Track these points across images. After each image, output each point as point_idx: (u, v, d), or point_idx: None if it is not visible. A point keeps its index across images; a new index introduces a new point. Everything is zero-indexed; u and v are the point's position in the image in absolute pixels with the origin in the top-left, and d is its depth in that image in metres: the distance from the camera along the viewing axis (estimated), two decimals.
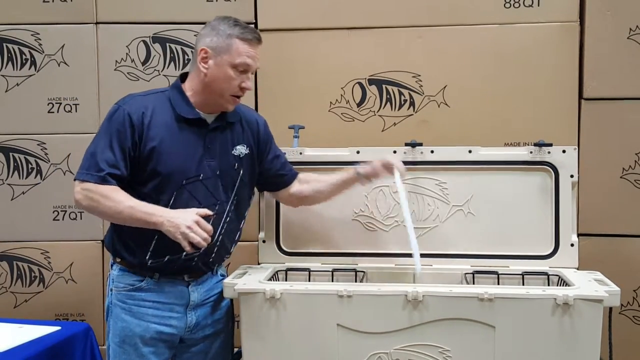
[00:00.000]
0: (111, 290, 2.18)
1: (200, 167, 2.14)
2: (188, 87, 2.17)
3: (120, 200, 2.02)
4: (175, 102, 2.14)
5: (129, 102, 2.11)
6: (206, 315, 2.24)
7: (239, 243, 2.35)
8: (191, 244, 1.96)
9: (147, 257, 2.12)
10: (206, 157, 2.15)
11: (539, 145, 2.41)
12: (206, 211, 2.04)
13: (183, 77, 2.22)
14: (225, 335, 2.31)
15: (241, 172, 2.23)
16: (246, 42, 2.11)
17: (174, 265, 2.13)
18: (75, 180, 2.09)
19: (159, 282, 2.15)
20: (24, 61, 2.94)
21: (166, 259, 2.11)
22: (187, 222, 1.96)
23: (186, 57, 2.89)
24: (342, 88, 2.84)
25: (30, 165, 2.96)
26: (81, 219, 2.95)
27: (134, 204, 2.02)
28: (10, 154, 2.96)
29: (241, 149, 2.23)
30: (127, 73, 2.92)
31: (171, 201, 2.09)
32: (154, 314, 2.15)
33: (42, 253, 2.97)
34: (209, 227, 2.01)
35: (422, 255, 2.46)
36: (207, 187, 2.14)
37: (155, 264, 2.12)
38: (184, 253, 2.04)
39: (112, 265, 2.22)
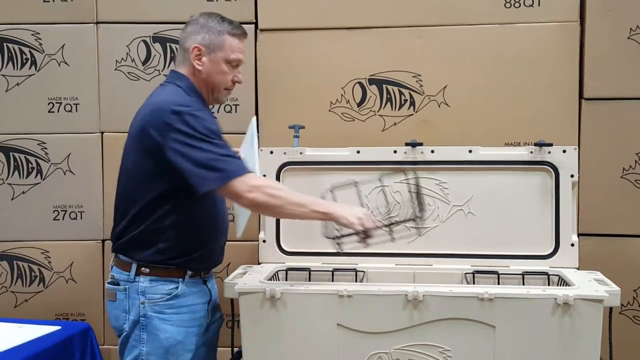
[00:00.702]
0: (142, 303, 2.12)
1: None
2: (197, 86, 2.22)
3: (292, 193, 2.10)
4: (204, 106, 2.21)
5: (199, 108, 2.12)
6: (213, 307, 2.29)
7: (239, 243, 2.35)
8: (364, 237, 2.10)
9: (188, 253, 2.14)
10: None
11: (539, 145, 2.41)
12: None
13: (175, 75, 2.23)
14: (220, 323, 2.37)
15: None
16: (237, 37, 2.21)
17: (209, 256, 2.22)
18: (228, 181, 2.03)
19: (188, 284, 2.16)
20: (24, 61, 2.94)
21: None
22: (363, 218, 2.09)
23: None
24: (342, 88, 2.84)
25: (30, 165, 2.96)
26: (81, 218, 2.96)
27: (304, 198, 2.10)
28: (11, 153, 2.96)
29: None
30: (128, 73, 2.92)
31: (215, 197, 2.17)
32: (190, 318, 2.16)
33: (42, 253, 2.97)
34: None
35: (422, 255, 2.47)
36: None
37: (195, 257, 2.16)
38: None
39: (133, 277, 2.13)
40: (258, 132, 2.87)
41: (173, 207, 2.10)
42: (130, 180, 2.15)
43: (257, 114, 2.87)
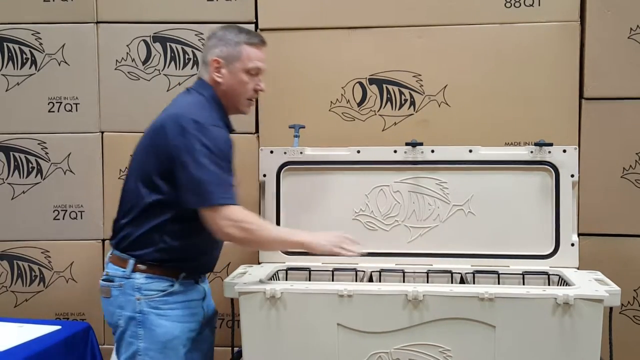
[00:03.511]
0: (138, 299, 2.13)
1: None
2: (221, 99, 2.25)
3: (269, 229, 2.14)
4: (223, 118, 2.23)
5: (215, 122, 2.13)
6: (208, 304, 2.32)
7: None
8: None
9: (188, 260, 2.17)
10: None
11: (540, 144, 2.41)
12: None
13: (200, 83, 2.26)
14: (215, 319, 2.40)
15: None
16: (254, 47, 2.23)
17: (208, 263, 2.27)
18: (207, 206, 2.04)
19: (184, 282, 2.19)
20: (24, 60, 2.94)
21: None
22: (336, 241, 2.14)
23: (187, 56, 2.89)
24: (342, 87, 2.84)
25: (30, 165, 2.96)
26: (81, 218, 2.95)
27: (280, 229, 2.21)
28: (11, 153, 2.96)
29: None
30: (128, 72, 2.92)
31: None
32: (185, 314, 2.18)
33: (42, 252, 2.97)
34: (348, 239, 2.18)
35: (422, 255, 2.47)
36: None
37: (194, 265, 2.20)
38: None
39: (129, 274, 2.15)
40: (258, 132, 2.88)
41: (178, 212, 2.11)
42: (139, 177, 2.16)
43: (257, 113, 2.88)
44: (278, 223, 2.53)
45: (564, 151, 2.41)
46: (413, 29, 2.79)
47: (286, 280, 2.44)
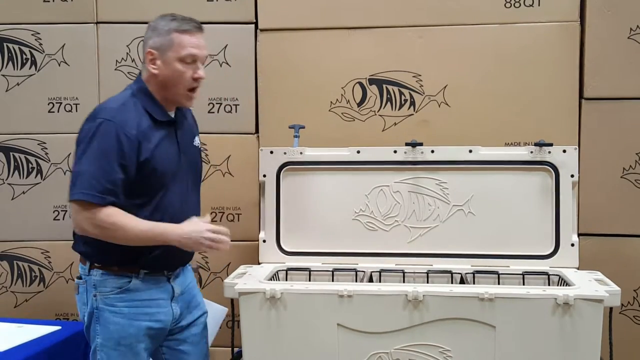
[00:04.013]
0: (94, 296, 2.13)
1: (180, 162, 2.18)
2: (151, 90, 2.17)
3: (129, 227, 2.03)
4: (148, 107, 2.15)
5: (115, 116, 2.08)
6: (187, 303, 2.25)
7: (239, 243, 2.34)
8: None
9: (141, 255, 2.11)
10: (181, 152, 2.19)
11: (540, 145, 2.41)
12: (207, 218, 2.11)
13: (136, 79, 2.22)
14: (204, 319, 2.33)
15: (200, 162, 2.32)
16: (186, 33, 2.12)
17: (165, 258, 2.15)
18: (72, 200, 2.04)
19: (144, 280, 2.14)
20: (24, 61, 2.94)
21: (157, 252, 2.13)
22: (203, 235, 2.03)
23: None
24: (342, 88, 2.84)
25: (30, 165, 2.96)
26: None
27: (143, 227, 2.04)
28: (11, 153, 2.96)
29: (197, 140, 2.31)
30: (128, 73, 2.92)
31: (157, 200, 2.12)
32: (144, 312, 2.14)
33: (42, 253, 2.97)
34: (222, 228, 2.06)
35: (422, 255, 2.47)
36: (183, 181, 2.18)
37: (149, 259, 2.13)
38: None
39: (88, 271, 2.15)
40: (258, 132, 2.88)
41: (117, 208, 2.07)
42: None
43: (257, 113, 2.88)
44: (278, 223, 2.53)
45: (564, 151, 2.41)
46: (413, 29, 2.79)
47: (286, 280, 2.44)
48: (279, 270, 2.43)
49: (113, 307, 2.12)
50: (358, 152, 2.51)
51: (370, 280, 2.43)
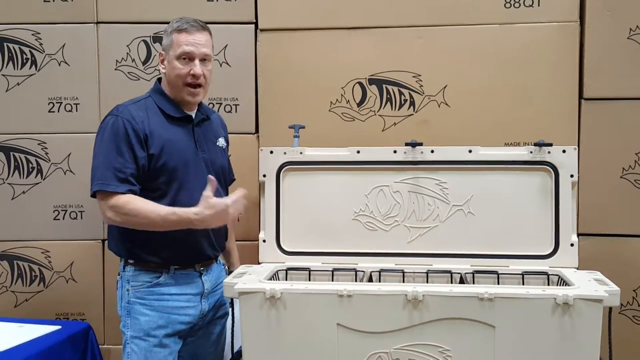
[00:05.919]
0: (127, 290, 2.24)
1: (197, 159, 2.28)
2: (165, 89, 2.32)
3: (148, 211, 2.13)
4: (161, 104, 2.27)
5: (123, 112, 2.21)
6: (216, 301, 2.36)
7: (239, 243, 2.36)
8: None
9: (166, 252, 2.21)
10: (198, 150, 2.29)
11: (539, 145, 2.41)
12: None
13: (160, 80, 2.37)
14: (226, 320, 2.43)
15: (224, 162, 2.42)
16: (183, 32, 2.26)
17: (192, 249, 2.26)
18: (96, 192, 2.16)
19: (174, 276, 2.24)
20: (24, 61, 2.94)
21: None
22: (226, 202, 2.14)
23: None
24: (342, 88, 2.84)
25: (30, 165, 2.96)
26: (82, 218, 2.96)
27: (162, 212, 2.12)
28: (11, 153, 2.96)
29: (221, 141, 2.43)
30: (128, 73, 2.92)
31: (172, 194, 2.22)
32: (174, 306, 2.23)
33: (42, 252, 2.97)
34: (236, 197, 2.17)
35: (422, 255, 2.47)
36: (202, 179, 2.22)
37: (173, 255, 2.23)
38: None
39: (123, 267, 2.27)
40: (258, 132, 2.88)
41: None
42: None
43: (257, 114, 2.88)
44: (278, 223, 2.53)
45: (564, 151, 2.40)
46: (413, 29, 2.79)
47: (286, 280, 2.44)
48: (279, 270, 2.43)
49: (143, 300, 2.22)
50: (358, 152, 2.51)
51: (370, 280, 2.43)
